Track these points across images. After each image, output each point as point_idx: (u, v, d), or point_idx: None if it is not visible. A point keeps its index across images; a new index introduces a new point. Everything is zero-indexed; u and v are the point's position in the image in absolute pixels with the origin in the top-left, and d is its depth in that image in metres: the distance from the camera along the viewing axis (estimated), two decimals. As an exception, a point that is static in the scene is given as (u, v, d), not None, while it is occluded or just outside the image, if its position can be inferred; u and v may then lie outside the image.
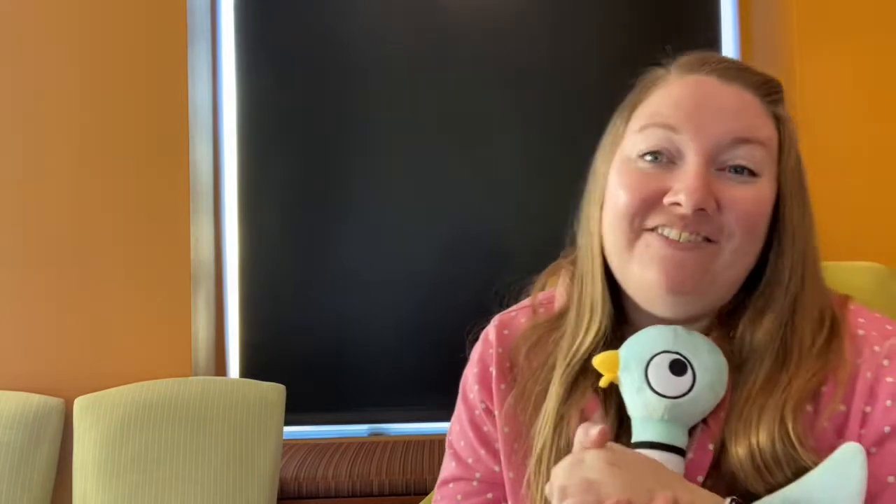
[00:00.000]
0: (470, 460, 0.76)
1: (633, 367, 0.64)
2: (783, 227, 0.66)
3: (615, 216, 0.66)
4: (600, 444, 0.58)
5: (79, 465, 1.62)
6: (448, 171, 2.07)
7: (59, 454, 1.69)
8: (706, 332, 0.67)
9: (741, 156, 0.64)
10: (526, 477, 0.70)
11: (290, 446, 1.92)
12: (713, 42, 2.09)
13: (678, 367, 0.62)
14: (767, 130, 0.66)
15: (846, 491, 0.56)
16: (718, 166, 0.64)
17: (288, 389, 1.72)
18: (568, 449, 0.65)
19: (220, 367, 2.01)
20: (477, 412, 0.76)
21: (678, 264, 0.63)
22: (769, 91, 0.68)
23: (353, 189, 2.06)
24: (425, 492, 1.57)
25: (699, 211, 0.61)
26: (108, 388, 1.69)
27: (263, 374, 1.83)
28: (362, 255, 2.06)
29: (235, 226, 2.06)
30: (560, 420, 0.68)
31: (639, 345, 0.65)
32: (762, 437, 0.60)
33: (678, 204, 0.62)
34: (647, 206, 0.64)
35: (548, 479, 0.64)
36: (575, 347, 0.69)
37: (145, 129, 1.80)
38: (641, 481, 0.56)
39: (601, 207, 0.69)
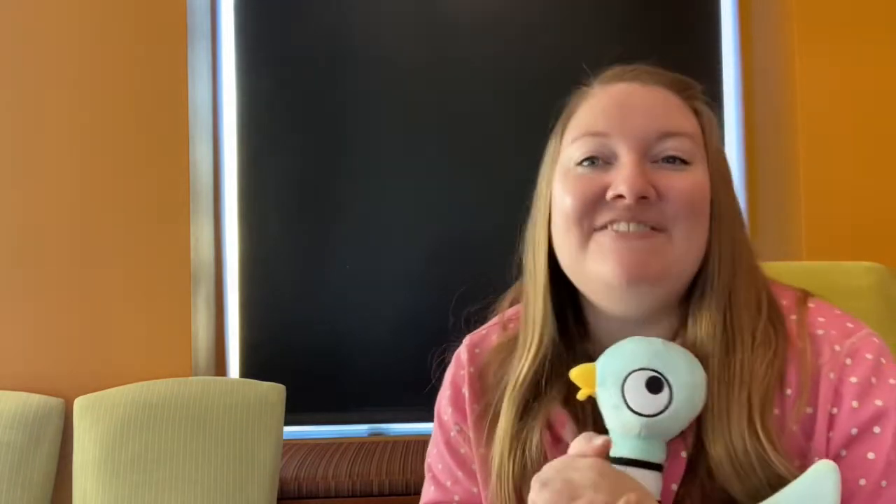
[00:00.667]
0: (448, 483, 0.78)
1: (610, 384, 0.63)
2: (713, 213, 0.68)
3: (565, 221, 0.68)
4: (601, 453, 0.59)
5: (79, 465, 1.62)
6: (448, 171, 2.07)
7: (59, 454, 1.69)
8: (672, 334, 0.68)
9: (670, 147, 0.66)
10: (489, 496, 0.70)
11: (290, 446, 1.92)
12: (713, 42, 2.09)
13: (655, 385, 0.62)
14: (689, 124, 0.68)
15: None
16: (652, 159, 0.66)
17: (288, 389, 1.72)
18: (524, 468, 0.66)
19: (220, 367, 2.01)
20: (452, 434, 0.77)
21: (631, 254, 0.64)
22: (685, 88, 0.71)
23: (352, 189, 2.06)
24: (425, 492, 1.57)
25: (641, 200, 0.64)
26: (108, 388, 1.69)
27: (263, 374, 1.83)
28: (362, 255, 2.06)
29: (235, 226, 2.06)
30: (514, 440, 0.68)
31: (615, 360, 0.64)
32: (734, 435, 0.61)
33: (621, 196, 0.64)
34: (592, 205, 0.66)
35: (507, 498, 0.66)
36: (521, 367, 0.70)
37: (145, 129, 1.80)
38: (621, 495, 0.56)
39: (547, 224, 0.71)
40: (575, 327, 0.72)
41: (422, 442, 1.96)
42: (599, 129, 0.67)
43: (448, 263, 2.05)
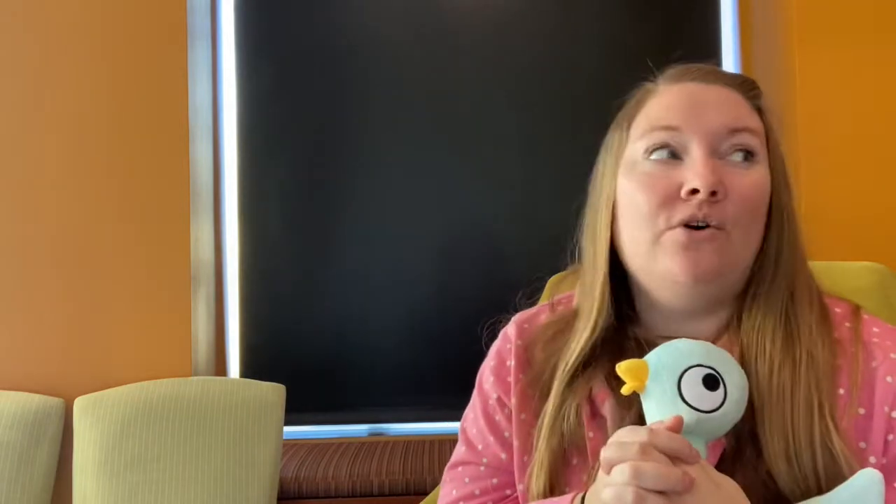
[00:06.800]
0: (480, 446, 0.81)
1: (665, 378, 0.63)
2: (777, 210, 0.71)
3: (638, 218, 0.69)
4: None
5: (79, 465, 1.62)
6: (448, 171, 2.07)
7: (59, 454, 1.69)
8: (723, 326, 0.71)
9: (738, 142, 0.69)
10: (531, 468, 0.73)
11: (290, 446, 1.92)
12: (713, 42, 2.09)
13: (711, 382, 0.62)
14: (754, 121, 0.71)
15: None
16: (720, 155, 0.69)
17: (288, 389, 1.72)
18: (562, 436, 0.71)
19: (220, 367, 2.01)
20: (490, 402, 0.81)
21: (701, 254, 0.67)
22: (748, 88, 0.73)
23: (352, 189, 2.06)
24: (425, 492, 1.57)
25: (712, 196, 0.66)
26: (108, 388, 1.69)
27: (263, 374, 1.83)
28: (362, 255, 2.06)
29: (235, 226, 2.06)
30: (557, 411, 0.73)
31: (670, 356, 0.65)
32: (797, 418, 0.63)
33: (695, 191, 0.66)
34: (666, 203, 0.68)
35: (543, 462, 0.71)
36: (574, 349, 0.74)
37: (145, 129, 1.80)
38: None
39: (609, 217, 0.73)
40: (626, 311, 0.75)
41: (422, 442, 1.97)
42: (671, 124, 0.69)
43: (448, 263, 2.05)
